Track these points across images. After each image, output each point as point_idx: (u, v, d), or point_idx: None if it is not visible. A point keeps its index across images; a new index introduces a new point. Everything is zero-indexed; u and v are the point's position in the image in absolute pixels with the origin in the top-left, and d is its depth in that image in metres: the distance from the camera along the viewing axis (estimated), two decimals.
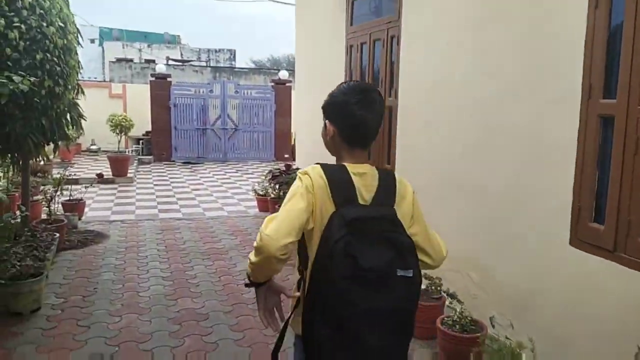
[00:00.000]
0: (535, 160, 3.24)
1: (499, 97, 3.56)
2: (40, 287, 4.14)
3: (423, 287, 3.91)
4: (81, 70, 7.07)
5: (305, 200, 1.58)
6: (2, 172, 7.46)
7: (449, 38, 4.15)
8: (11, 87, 3.22)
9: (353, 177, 1.63)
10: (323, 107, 1.76)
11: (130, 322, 4.01)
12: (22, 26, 4.03)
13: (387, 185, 1.67)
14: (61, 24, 4.53)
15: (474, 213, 3.83)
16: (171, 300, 4.48)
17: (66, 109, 6.21)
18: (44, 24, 4.24)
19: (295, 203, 1.58)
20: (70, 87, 4.85)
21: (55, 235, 5.39)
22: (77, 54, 5.10)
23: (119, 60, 24.02)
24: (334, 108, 1.71)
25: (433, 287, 3.81)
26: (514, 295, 3.43)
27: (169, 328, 3.92)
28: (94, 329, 3.86)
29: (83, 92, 7.36)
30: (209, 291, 4.70)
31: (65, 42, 4.60)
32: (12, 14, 4.00)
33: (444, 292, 3.79)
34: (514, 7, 3.41)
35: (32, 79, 3.59)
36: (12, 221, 4.47)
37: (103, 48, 35.78)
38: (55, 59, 4.38)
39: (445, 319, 3.49)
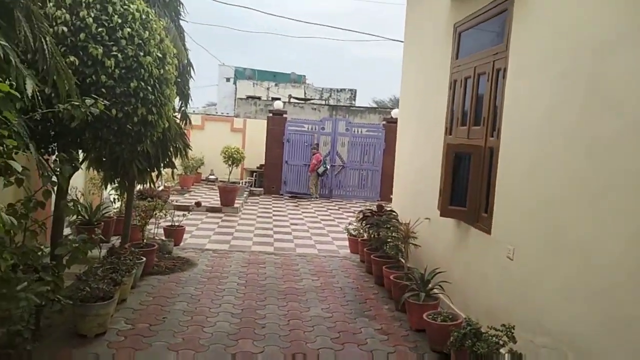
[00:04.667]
0: None
1: (623, 137, 2.82)
2: (107, 312, 4.15)
3: None
4: (191, 101, 7.49)
5: None
6: (117, 195, 8.06)
7: (564, 67, 3.48)
8: (83, 109, 3.30)
9: None
10: None
11: None
12: (119, 55, 4.22)
13: None
14: (159, 55, 4.70)
15: (582, 280, 3.04)
16: (232, 340, 4.23)
17: (172, 137, 6.56)
18: (141, 54, 4.40)
19: None
20: (164, 115, 4.98)
21: (142, 259, 5.51)
22: (175, 84, 5.26)
23: (247, 97, 25.70)
24: None
25: None
26: None
27: None
28: None
29: (190, 122, 7.78)
30: (273, 335, 4.37)
31: (162, 72, 4.76)
32: (112, 43, 4.21)
33: None
34: None
35: (105, 102, 3.67)
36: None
37: (236, 86, 38.66)
38: (149, 88, 4.52)
39: None
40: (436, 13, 6.27)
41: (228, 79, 43.00)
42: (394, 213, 6.72)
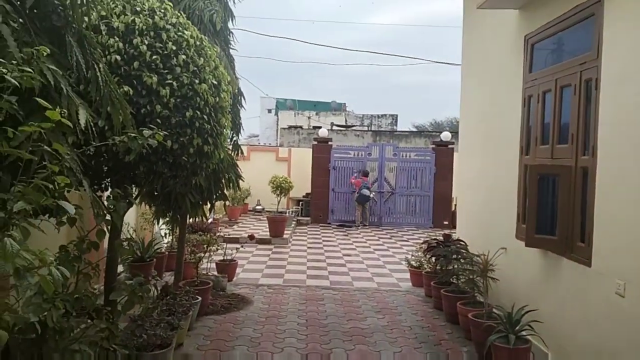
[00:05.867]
0: None
1: None
2: None
3: None
4: (242, 131, 7.30)
5: None
6: (168, 230, 7.84)
7: None
8: (140, 141, 3.03)
9: None
10: None
11: None
12: (174, 83, 3.97)
13: None
14: (214, 82, 4.45)
15: None
16: None
17: (224, 169, 6.30)
18: (197, 81, 4.15)
19: None
20: (220, 146, 4.71)
21: (197, 299, 5.18)
22: (229, 112, 5.00)
23: (289, 127, 25.71)
24: None
25: None
26: None
27: None
28: None
29: (242, 152, 7.57)
30: None
31: (218, 100, 4.50)
32: (166, 71, 3.98)
33: None
34: None
35: (163, 133, 3.39)
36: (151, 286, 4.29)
37: (278, 117, 39.00)
38: (205, 117, 4.25)
39: None
40: (501, 27, 5.83)
41: (270, 110, 43.46)
42: (462, 243, 6.16)
